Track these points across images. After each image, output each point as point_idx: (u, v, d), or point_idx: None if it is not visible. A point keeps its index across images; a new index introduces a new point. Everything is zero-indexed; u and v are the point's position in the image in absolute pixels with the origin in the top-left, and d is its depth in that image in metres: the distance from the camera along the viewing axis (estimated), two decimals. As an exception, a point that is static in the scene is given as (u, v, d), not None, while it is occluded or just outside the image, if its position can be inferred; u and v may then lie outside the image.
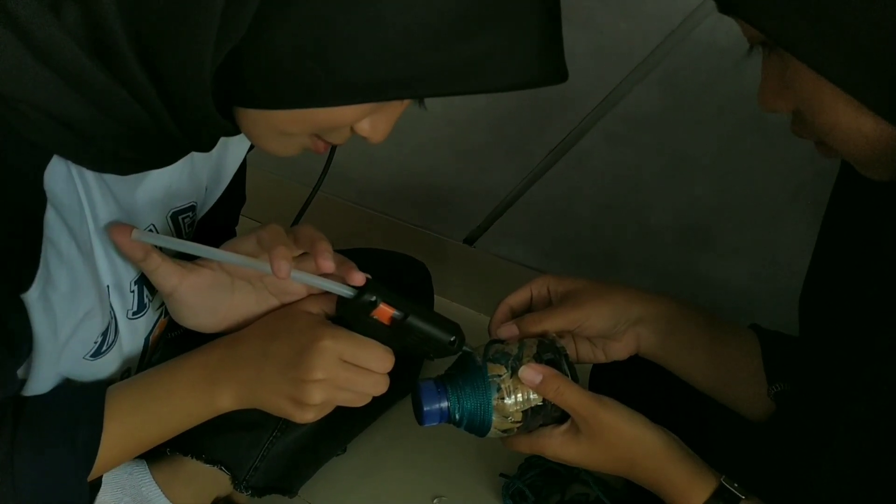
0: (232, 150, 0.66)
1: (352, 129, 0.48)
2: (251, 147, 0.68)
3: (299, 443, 0.75)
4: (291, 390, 0.53)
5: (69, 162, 0.46)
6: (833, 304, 0.50)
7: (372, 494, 0.81)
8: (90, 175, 0.48)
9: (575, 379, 0.56)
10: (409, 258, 0.98)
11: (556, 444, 0.56)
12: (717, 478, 0.53)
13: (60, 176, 0.46)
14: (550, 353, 0.57)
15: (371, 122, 0.47)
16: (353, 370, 0.53)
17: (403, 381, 0.90)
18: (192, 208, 0.62)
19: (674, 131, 0.82)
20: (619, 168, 0.87)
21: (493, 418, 0.56)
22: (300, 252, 0.55)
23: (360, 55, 0.41)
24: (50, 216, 0.44)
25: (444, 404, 0.56)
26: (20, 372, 0.49)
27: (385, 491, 0.81)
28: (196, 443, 0.68)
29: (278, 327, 0.55)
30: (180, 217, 0.61)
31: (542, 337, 0.60)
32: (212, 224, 0.69)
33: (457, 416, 0.57)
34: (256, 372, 0.54)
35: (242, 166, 0.70)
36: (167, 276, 0.52)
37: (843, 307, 0.48)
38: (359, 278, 0.52)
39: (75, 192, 0.47)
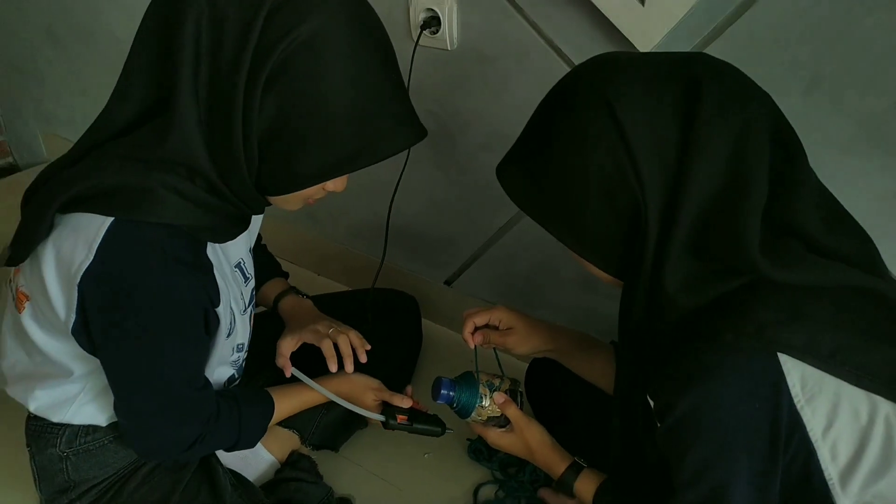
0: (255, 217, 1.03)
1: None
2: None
3: (337, 419, 1.14)
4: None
5: (209, 241, 0.83)
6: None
7: (384, 451, 1.19)
8: (216, 245, 0.86)
9: (522, 404, 0.96)
10: (403, 293, 1.35)
11: (495, 435, 0.96)
12: (572, 458, 0.92)
13: (209, 250, 0.84)
14: (515, 390, 0.97)
15: (334, 183, 0.79)
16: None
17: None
18: (250, 252, 1.01)
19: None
20: (542, 240, 1.23)
21: (473, 413, 0.97)
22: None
23: (344, 143, 0.72)
24: (215, 269, 0.84)
25: (452, 394, 0.96)
26: None
27: (393, 448, 1.19)
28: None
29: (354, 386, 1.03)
30: (245, 254, 0.98)
31: (513, 379, 0.99)
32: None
33: (454, 404, 0.97)
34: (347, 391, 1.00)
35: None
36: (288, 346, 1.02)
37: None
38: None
39: (216, 255, 0.86)
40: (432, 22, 1.12)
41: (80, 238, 0.73)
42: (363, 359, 1.00)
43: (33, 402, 0.90)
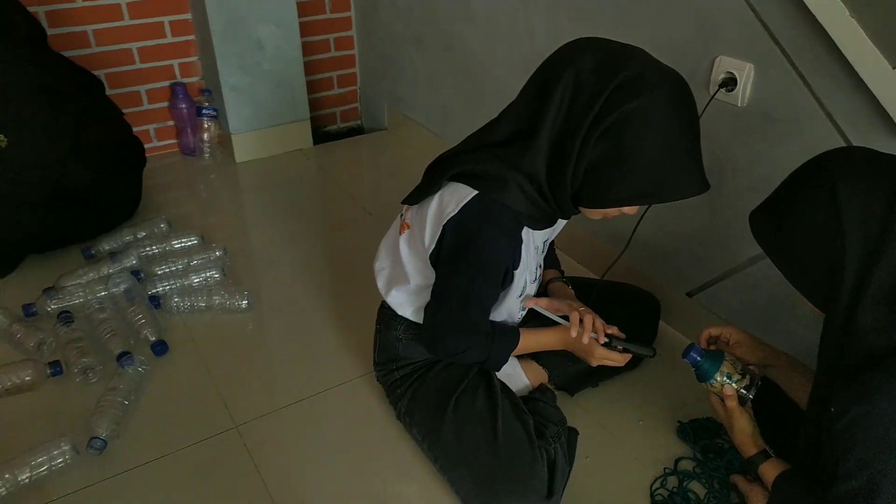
0: (560, 223, 1.35)
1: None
2: None
3: (580, 371, 1.45)
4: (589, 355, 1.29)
5: (526, 226, 1.16)
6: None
7: (609, 407, 1.47)
8: (529, 230, 1.20)
9: (747, 400, 1.17)
10: (649, 293, 1.62)
11: (716, 403, 1.20)
12: (764, 445, 1.13)
13: (524, 232, 1.19)
14: (750, 384, 1.19)
15: (630, 208, 1.07)
16: (612, 355, 1.27)
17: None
18: (545, 243, 1.35)
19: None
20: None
21: (707, 384, 1.21)
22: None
23: (645, 183, 0.98)
24: (523, 246, 1.19)
25: (699, 360, 1.21)
26: None
27: (615, 407, 1.47)
28: (536, 356, 1.45)
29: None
30: (541, 243, 1.33)
31: (752, 380, 1.18)
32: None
33: (696, 369, 1.22)
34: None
35: None
36: (544, 301, 1.32)
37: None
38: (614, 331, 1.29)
39: (527, 236, 1.21)
40: (729, 82, 1.38)
41: (454, 197, 1.13)
42: (601, 341, 1.26)
43: (388, 297, 1.35)
